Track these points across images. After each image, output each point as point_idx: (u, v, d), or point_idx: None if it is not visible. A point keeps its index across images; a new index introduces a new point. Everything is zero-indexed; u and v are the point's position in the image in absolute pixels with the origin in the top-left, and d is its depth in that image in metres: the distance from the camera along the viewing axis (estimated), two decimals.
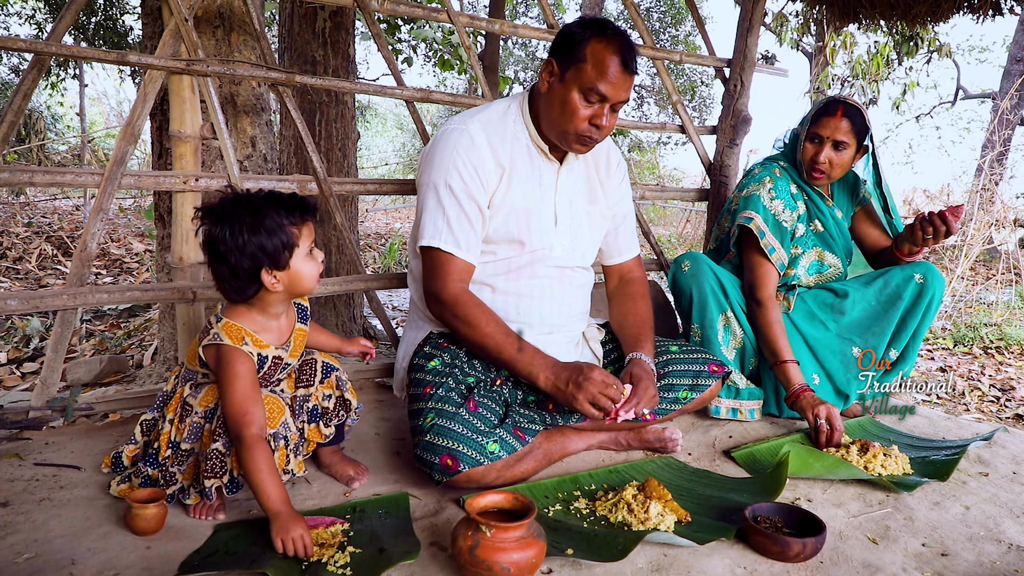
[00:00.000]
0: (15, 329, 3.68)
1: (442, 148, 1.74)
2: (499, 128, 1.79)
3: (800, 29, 10.30)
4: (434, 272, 1.73)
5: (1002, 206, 6.73)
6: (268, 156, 2.55)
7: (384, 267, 6.76)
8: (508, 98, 1.88)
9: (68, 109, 13.04)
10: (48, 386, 1.90)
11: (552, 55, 1.73)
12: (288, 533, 1.31)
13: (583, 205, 1.93)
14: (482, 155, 1.73)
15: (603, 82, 1.65)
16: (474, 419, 1.62)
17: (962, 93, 14.60)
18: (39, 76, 1.90)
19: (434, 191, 1.73)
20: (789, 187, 2.31)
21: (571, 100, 1.68)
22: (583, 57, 1.66)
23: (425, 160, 1.79)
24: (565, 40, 1.70)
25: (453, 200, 1.71)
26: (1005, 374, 3.97)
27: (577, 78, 1.67)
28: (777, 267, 2.23)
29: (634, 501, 1.53)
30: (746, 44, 2.95)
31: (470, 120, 1.77)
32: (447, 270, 1.72)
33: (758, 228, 2.22)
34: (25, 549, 1.32)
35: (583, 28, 1.68)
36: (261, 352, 1.51)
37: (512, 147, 1.80)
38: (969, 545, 1.53)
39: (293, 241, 1.45)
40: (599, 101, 1.68)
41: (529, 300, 1.85)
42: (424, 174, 1.77)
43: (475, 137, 1.73)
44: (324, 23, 3.47)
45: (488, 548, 1.21)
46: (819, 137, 2.21)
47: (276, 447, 1.49)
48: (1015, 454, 2.07)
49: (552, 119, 1.74)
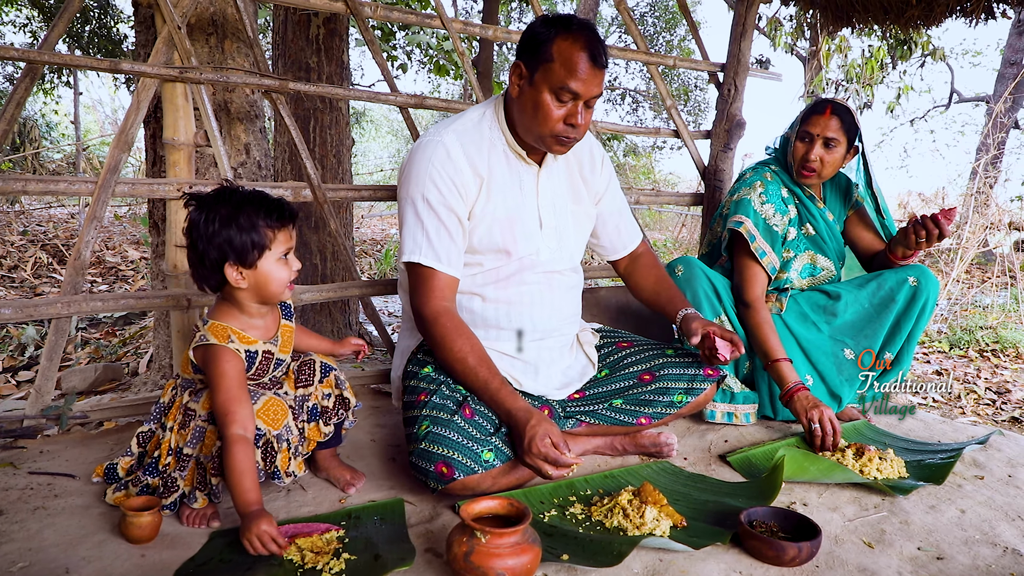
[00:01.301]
0: (10, 338, 3.66)
1: (418, 162, 1.71)
2: (475, 136, 1.77)
3: (794, 33, 10.35)
4: (417, 287, 1.72)
5: (997, 209, 6.75)
6: (262, 163, 2.56)
7: (380, 273, 6.76)
8: (482, 104, 1.85)
9: (63, 117, 13.04)
10: (43, 394, 1.90)
11: (519, 57, 1.69)
12: (251, 532, 1.28)
13: (567, 205, 1.92)
14: (459, 166, 1.71)
15: (573, 80, 1.62)
16: (469, 427, 1.61)
17: (956, 96, 14.68)
18: (32, 84, 1.90)
19: (412, 205, 1.70)
20: (780, 191, 2.31)
21: (543, 102, 1.65)
22: (550, 56, 1.62)
23: (403, 174, 1.76)
24: (530, 40, 1.66)
25: (431, 214, 1.69)
26: (1001, 377, 3.98)
27: (546, 79, 1.63)
28: (768, 271, 2.24)
29: (630, 506, 1.53)
30: (740, 48, 2.97)
31: (444, 131, 1.74)
32: (430, 285, 1.70)
33: (748, 232, 2.23)
34: (19, 558, 1.31)
35: (547, 26, 1.64)
36: (249, 348, 1.52)
37: (489, 154, 1.77)
38: (965, 549, 1.53)
39: (264, 242, 1.46)
40: (572, 99, 1.65)
41: (519, 307, 1.84)
42: (402, 188, 1.74)
43: (450, 148, 1.71)
44: (318, 30, 3.48)
45: (483, 554, 1.21)
46: (809, 135, 2.22)
47: (279, 449, 1.49)
48: (1011, 457, 2.07)
49: (526, 123, 1.71)
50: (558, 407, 1.90)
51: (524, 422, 1.53)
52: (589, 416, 1.92)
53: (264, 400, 1.49)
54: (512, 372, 1.84)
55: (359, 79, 14.74)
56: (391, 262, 6.96)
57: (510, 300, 1.83)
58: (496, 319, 1.83)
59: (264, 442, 1.47)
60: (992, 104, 10.20)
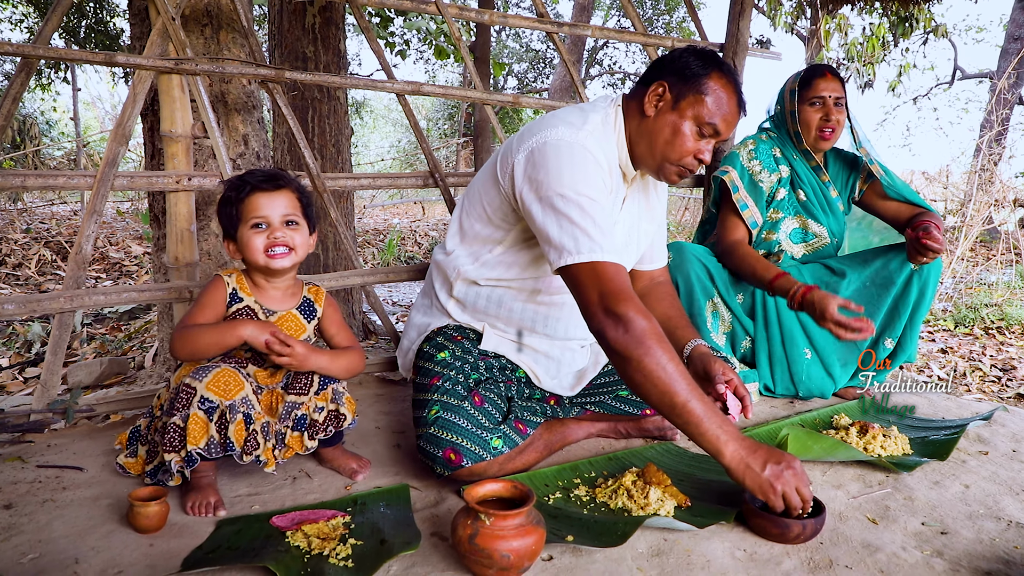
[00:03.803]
0: (16, 335, 3.68)
1: (568, 161, 1.55)
2: (604, 144, 1.68)
3: (794, 12, 10.26)
4: (604, 287, 1.45)
5: (1001, 186, 6.71)
6: (261, 154, 2.55)
7: (383, 263, 6.76)
8: (596, 107, 1.73)
9: (62, 114, 13.03)
10: (48, 389, 1.91)
11: (663, 78, 1.65)
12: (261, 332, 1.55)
13: (642, 224, 1.89)
14: (603, 174, 1.61)
15: (721, 118, 1.62)
16: (479, 414, 1.62)
17: (959, 73, 14.56)
18: (28, 79, 1.90)
19: (575, 205, 1.50)
20: (771, 151, 2.33)
21: (682, 130, 1.63)
22: (704, 90, 1.61)
23: (542, 173, 1.56)
24: (682, 68, 1.63)
25: (599, 211, 1.52)
26: (1006, 354, 3.97)
27: (694, 108, 1.61)
28: (748, 224, 2.25)
29: (634, 487, 1.54)
30: (738, 28, 2.94)
31: (580, 133, 1.61)
32: (618, 281, 1.46)
33: (731, 182, 2.26)
34: (29, 550, 1.32)
35: (703, 60, 1.63)
36: (239, 291, 1.66)
37: (609, 167, 1.70)
38: (969, 523, 1.53)
39: (234, 213, 1.62)
40: (711, 136, 1.64)
41: (559, 312, 1.82)
42: (545, 189, 1.54)
43: (598, 156, 1.61)
44: (314, 19, 3.46)
45: (488, 536, 1.22)
46: (820, 99, 2.23)
47: (232, 419, 1.50)
48: (1015, 432, 2.07)
49: (657, 146, 1.66)
50: (564, 397, 1.91)
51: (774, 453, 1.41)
52: (595, 406, 1.93)
53: (215, 372, 1.52)
54: (535, 368, 1.85)
55: (357, 68, 14.68)
56: (394, 252, 6.96)
57: (552, 304, 1.81)
58: (533, 321, 1.82)
59: (219, 413, 1.50)
60: (996, 80, 10.11)
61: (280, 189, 1.62)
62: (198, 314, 1.60)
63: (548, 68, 16.89)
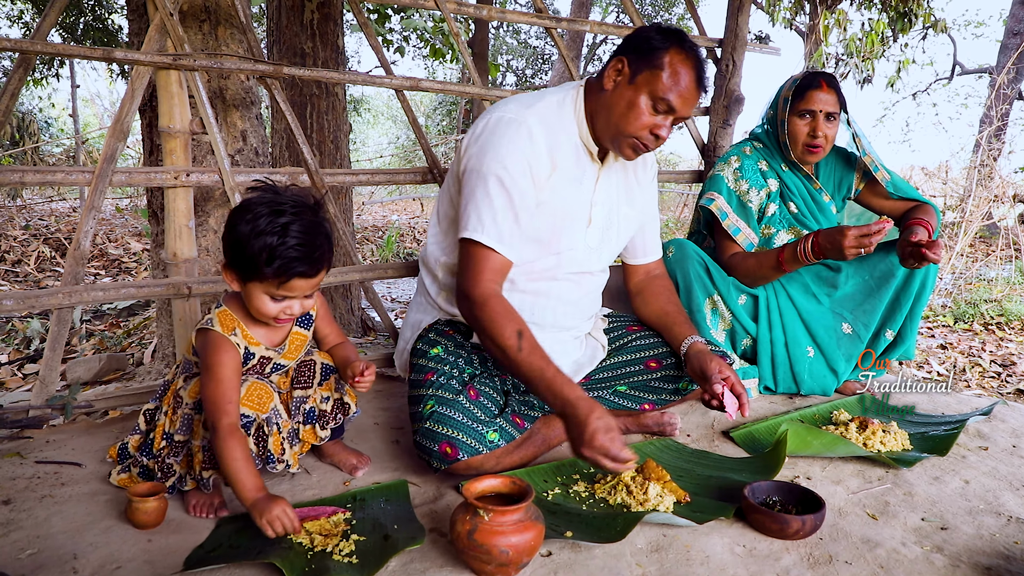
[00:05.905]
0: (15, 331, 3.68)
1: (499, 137, 1.63)
2: (554, 122, 1.71)
3: (793, 7, 10.23)
4: (469, 267, 1.63)
5: (1001, 181, 6.70)
6: (259, 150, 2.55)
7: (382, 259, 6.75)
8: (560, 89, 1.78)
9: (61, 111, 13.01)
10: (47, 384, 1.90)
11: (622, 54, 1.66)
12: (270, 513, 1.29)
13: (620, 207, 1.88)
14: (538, 151, 1.65)
15: (676, 94, 1.61)
16: (474, 408, 1.61)
17: (959, 69, 14.52)
18: (25, 75, 1.89)
19: (483, 182, 1.62)
20: (758, 165, 2.28)
21: (638, 104, 1.63)
22: (660, 64, 1.61)
23: (475, 146, 1.66)
24: (642, 43, 1.64)
25: (503, 193, 1.62)
26: (1006, 350, 3.98)
27: (649, 83, 1.61)
28: (744, 247, 2.23)
29: (633, 483, 1.54)
30: (737, 23, 2.94)
31: (527, 112, 1.67)
32: (483, 266, 1.61)
33: (719, 210, 2.22)
34: (28, 545, 1.32)
35: (663, 35, 1.63)
36: (249, 347, 1.51)
37: (563, 145, 1.73)
38: (969, 519, 1.53)
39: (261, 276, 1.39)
40: (665, 112, 1.63)
41: (546, 301, 1.82)
42: (474, 160, 1.65)
43: (534, 131, 1.65)
44: (312, 15, 3.45)
45: (486, 532, 1.22)
46: (810, 112, 2.18)
47: (270, 432, 1.49)
48: (1015, 428, 2.07)
49: (613, 119, 1.67)
50: None
51: (587, 413, 1.43)
52: None
53: (247, 386, 1.47)
54: None
55: (356, 65, 14.66)
56: (393, 248, 6.96)
57: (537, 292, 1.81)
58: (520, 309, 1.81)
59: (256, 427, 1.48)
60: (995, 75, 10.10)
61: (318, 274, 1.45)
62: (229, 391, 1.41)
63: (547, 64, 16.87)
